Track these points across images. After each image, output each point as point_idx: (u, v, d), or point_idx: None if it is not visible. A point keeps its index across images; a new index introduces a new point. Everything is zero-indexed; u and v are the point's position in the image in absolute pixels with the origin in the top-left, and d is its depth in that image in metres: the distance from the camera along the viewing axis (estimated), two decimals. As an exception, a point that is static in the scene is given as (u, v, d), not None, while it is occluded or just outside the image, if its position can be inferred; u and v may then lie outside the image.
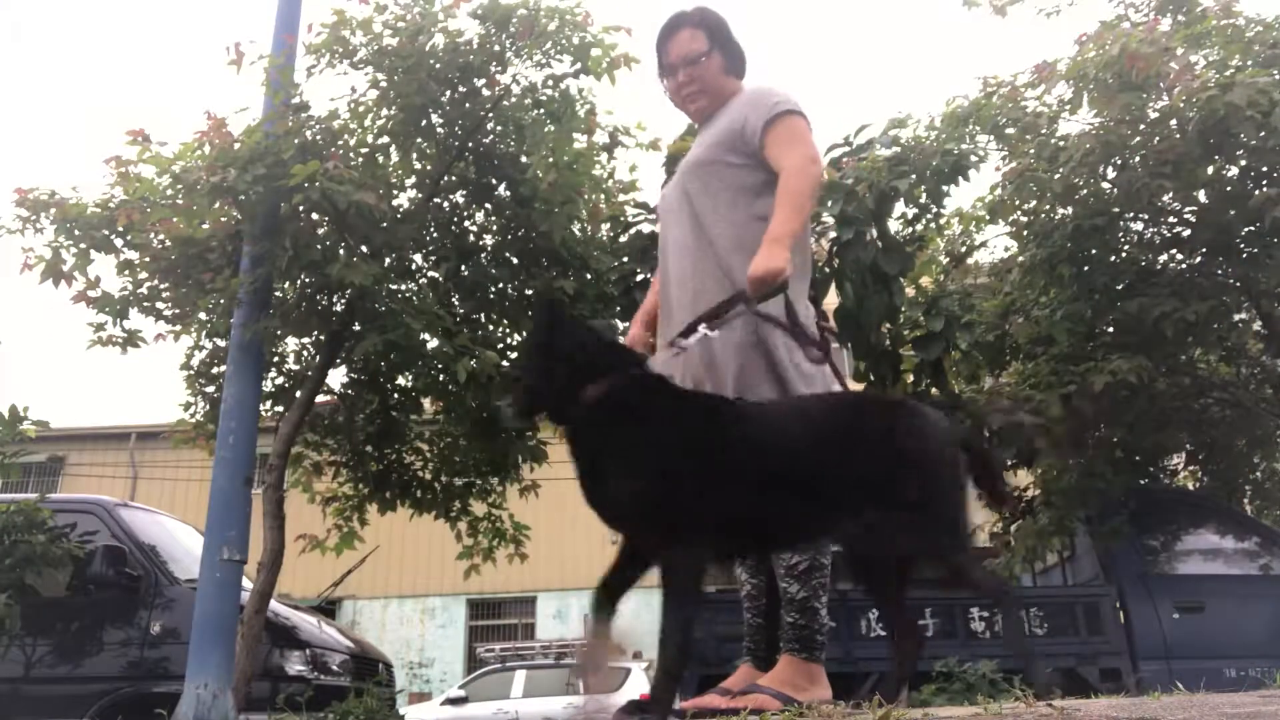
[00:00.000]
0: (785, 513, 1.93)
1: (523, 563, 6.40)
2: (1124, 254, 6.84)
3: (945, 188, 5.62)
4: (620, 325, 5.87)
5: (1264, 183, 5.98)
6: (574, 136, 5.21)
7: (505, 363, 5.48)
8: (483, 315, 5.52)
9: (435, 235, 5.44)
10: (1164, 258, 6.93)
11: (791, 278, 2.19)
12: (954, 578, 1.98)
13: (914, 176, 5.31)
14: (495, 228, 5.56)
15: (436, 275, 5.48)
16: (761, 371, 2.25)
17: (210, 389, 5.57)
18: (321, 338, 5.14)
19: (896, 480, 1.89)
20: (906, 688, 2.04)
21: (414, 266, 5.50)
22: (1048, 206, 6.58)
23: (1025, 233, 6.95)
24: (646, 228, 5.42)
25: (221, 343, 5.31)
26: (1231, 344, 7.34)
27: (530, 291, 5.28)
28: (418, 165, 5.34)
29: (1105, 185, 6.39)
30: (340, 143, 4.67)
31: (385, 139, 5.14)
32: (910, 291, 6.16)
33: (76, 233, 4.79)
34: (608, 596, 2.07)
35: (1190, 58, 5.82)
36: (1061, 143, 6.16)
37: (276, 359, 5.48)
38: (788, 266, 2.11)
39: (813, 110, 2.49)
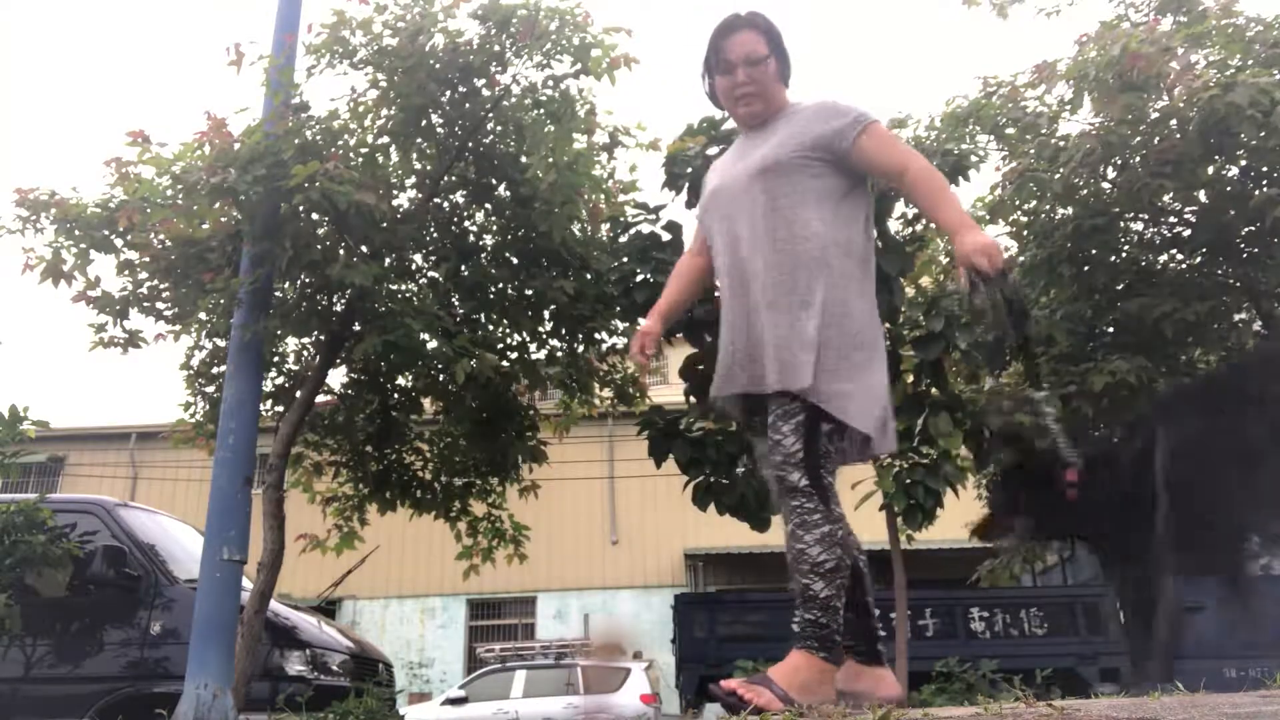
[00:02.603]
0: None
1: (522, 563, 6.40)
2: (1124, 254, 6.83)
3: (945, 187, 5.60)
4: (621, 326, 5.89)
5: (1264, 183, 5.98)
6: (574, 136, 5.21)
7: (505, 363, 5.49)
8: (483, 315, 5.52)
9: (435, 235, 5.44)
10: (1164, 258, 6.92)
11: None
12: None
13: (914, 176, 5.29)
14: (495, 228, 5.56)
15: (436, 275, 5.48)
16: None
17: (210, 389, 5.58)
18: (321, 338, 5.14)
19: None
20: None
21: (414, 266, 5.50)
22: (1048, 206, 6.58)
23: (1025, 233, 6.95)
24: (646, 228, 5.41)
25: (221, 343, 5.32)
26: (1231, 344, 7.33)
27: (530, 291, 5.28)
28: (418, 165, 5.34)
29: (1105, 185, 6.39)
30: (340, 143, 4.67)
31: (385, 139, 5.15)
32: (910, 291, 6.15)
33: (76, 233, 4.80)
34: None
35: (1191, 57, 5.82)
36: (1061, 143, 6.16)
37: (276, 359, 5.48)
38: (993, 246, 2.24)
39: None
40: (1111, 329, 6.71)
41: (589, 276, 5.40)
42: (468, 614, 16.89)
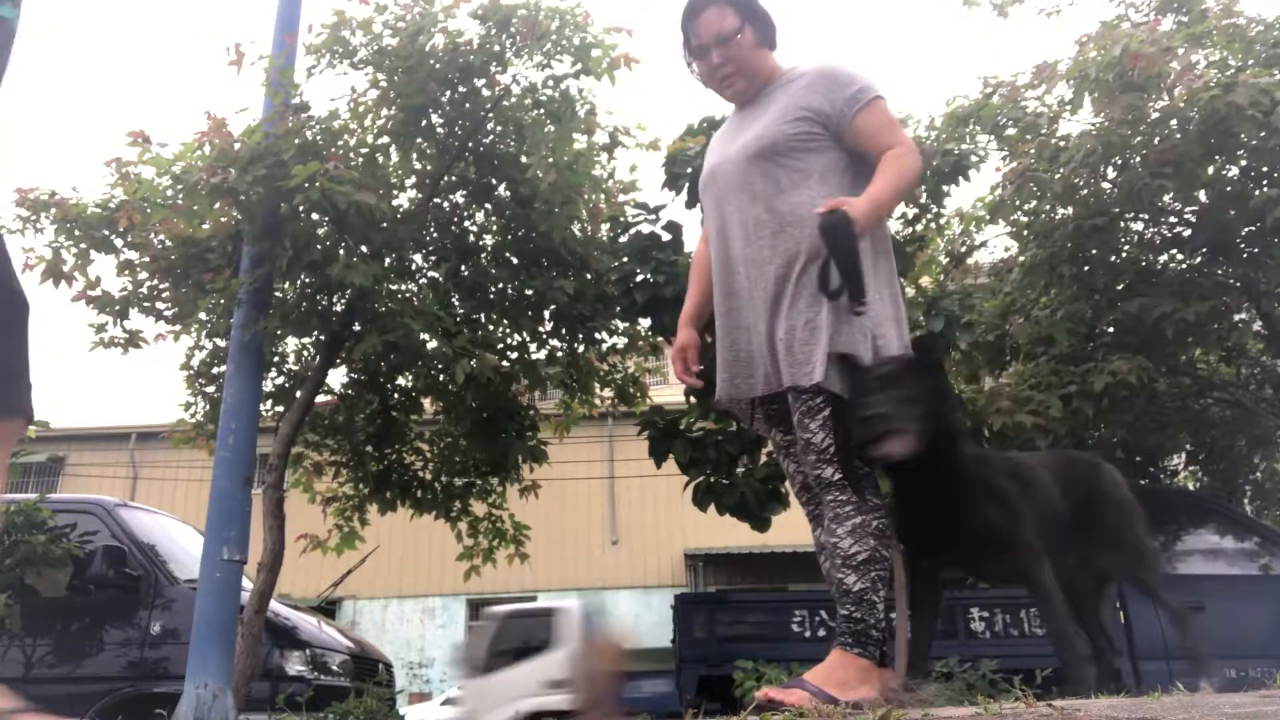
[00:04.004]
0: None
1: (523, 563, 6.40)
2: (1124, 254, 6.83)
3: (945, 188, 5.62)
4: (621, 326, 5.89)
5: (1264, 183, 5.98)
6: (574, 136, 5.21)
7: (505, 363, 5.49)
8: (483, 315, 5.52)
9: (435, 235, 5.44)
10: (1164, 258, 6.92)
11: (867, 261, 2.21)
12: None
13: (914, 176, 5.30)
14: (495, 228, 5.57)
15: (436, 275, 5.48)
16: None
17: (210, 389, 5.58)
18: (321, 338, 5.14)
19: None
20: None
21: (414, 266, 5.51)
22: (1048, 206, 6.58)
23: (1025, 233, 6.95)
24: (646, 228, 5.42)
25: (221, 343, 5.32)
26: (1231, 344, 7.33)
27: (530, 291, 5.28)
28: (418, 165, 5.34)
29: (1106, 185, 6.38)
30: (340, 143, 4.67)
31: (385, 139, 5.15)
32: (910, 291, 6.16)
33: (76, 233, 4.80)
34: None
35: (1191, 58, 5.82)
36: (1062, 143, 6.16)
37: (276, 359, 5.48)
38: (863, 220, 2.10)
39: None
40: (1111, 329, 6.71)
41: (589, 276, 5.40)
42: (468, 614, 16.88)
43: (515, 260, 5.42)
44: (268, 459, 4.88)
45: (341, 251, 4.66)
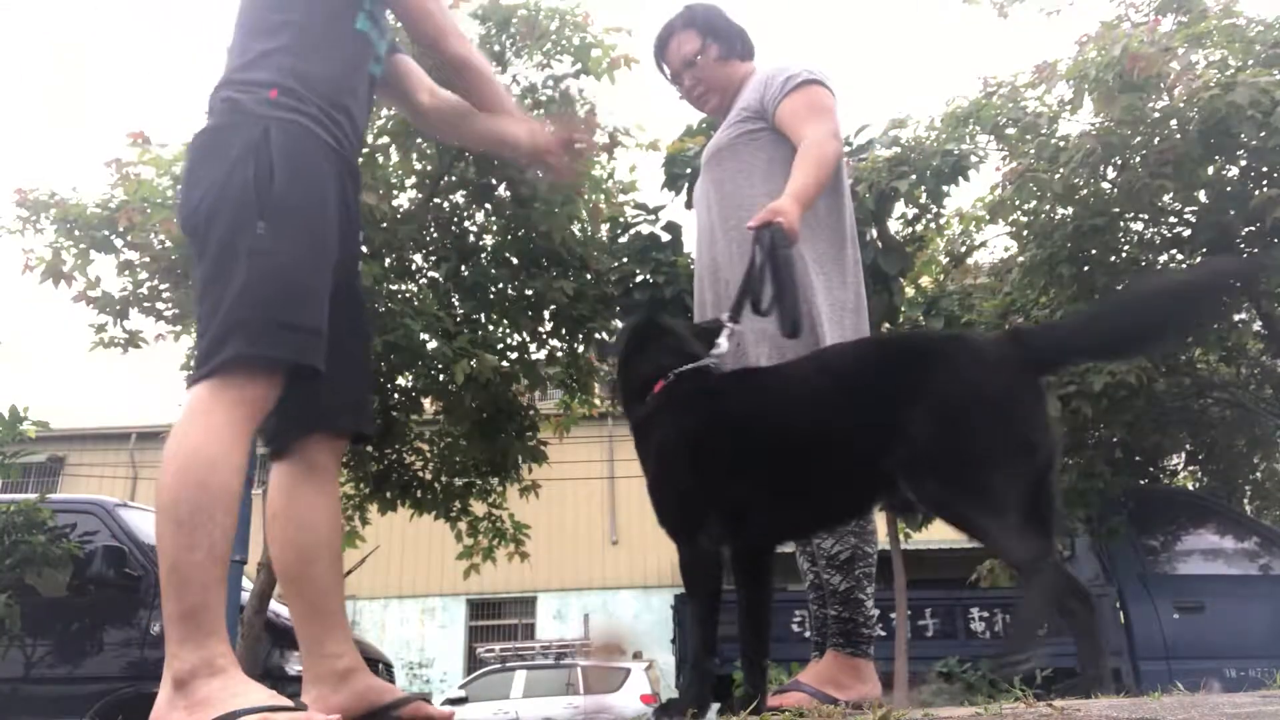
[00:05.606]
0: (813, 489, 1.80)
1: (523, 562, 6.41)
2: (1124, 254, 6.83)
3: (945, 188, 5.62)
4: (618, 326, 5.89)
5: (1265, 183, 5.98)
6: (574, 137, 5.21)
7: (505, 364, 5.49)
8: (483, 316, 5.52)
9: (435, 235, 5.44)
10: (1164, 258, 6.92)
11: (812, 259, 2.17)
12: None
13: (914, 177, 5.31)
14: (495, 228, 5.57)
15: (436, 275, 5.49)
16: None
17: (210, 389, 5.58)
18: (322, 338, 5.14)
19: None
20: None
21: (414, 267, 5.51)
22: (1048, 206, 6.57)
23: (1025, 233, 6.95)
24: (646, 228, 5.42)
25: (222, 343, 5.31)
26: (1231, 344, 7.33)
27: (530, 292, 5.28)
28: (418, 165, 5.34)
29: (1105, 185, 6.38)
30: (340, 143, 4.67)
31: (385, 139, 5.15)
32: (910, 291, 6.16)
33: (77, 233, 4.80)
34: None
35: (1191, 58, 5.81)
36: (1062, 143, 6.15)
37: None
38: (797, 222, 1.99)
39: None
40: (1111, 329, 6.70)
41: (589, 277, 5.40)
42: (468, 614, 16.89)
43: (515, 260, 5.43)
44: (268, 459, 4.89)
45: (341, 252, 4.66)
